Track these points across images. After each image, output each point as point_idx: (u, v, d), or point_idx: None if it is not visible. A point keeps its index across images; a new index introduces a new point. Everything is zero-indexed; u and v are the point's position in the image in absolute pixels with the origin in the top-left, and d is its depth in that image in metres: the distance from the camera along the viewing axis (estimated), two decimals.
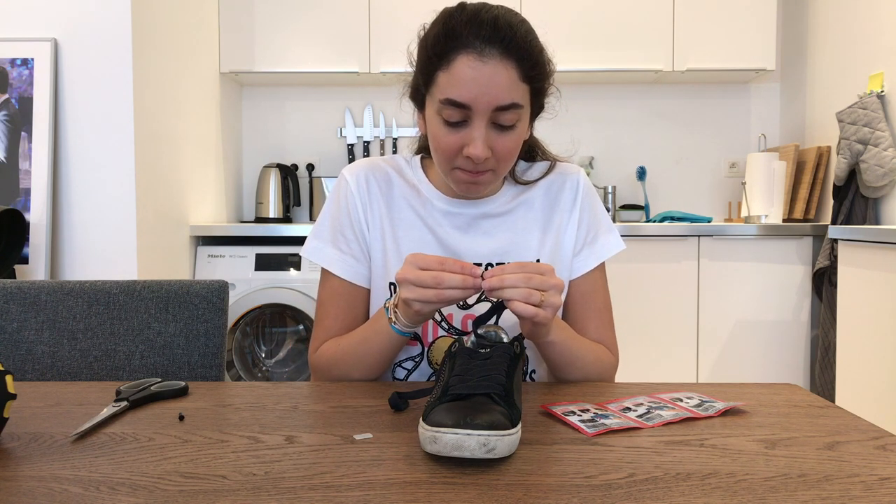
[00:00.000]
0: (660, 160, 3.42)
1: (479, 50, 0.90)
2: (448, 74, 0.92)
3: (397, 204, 1.07)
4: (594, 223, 1.11)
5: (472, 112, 0.92)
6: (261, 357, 2.98)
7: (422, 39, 0.98)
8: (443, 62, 0.92)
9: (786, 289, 2.84)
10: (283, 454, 0.68)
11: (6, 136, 2.22)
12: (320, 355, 1.05)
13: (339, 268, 1.05)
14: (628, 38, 3.05)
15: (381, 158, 1.12)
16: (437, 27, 0.94)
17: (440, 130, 0.95)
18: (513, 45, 0.91)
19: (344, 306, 1.06)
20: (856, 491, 0.59)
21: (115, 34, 2.25)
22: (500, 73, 0.91)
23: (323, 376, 1.04)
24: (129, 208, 2.28)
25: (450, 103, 0.92)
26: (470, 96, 0.91)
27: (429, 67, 0.95)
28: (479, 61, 0.90)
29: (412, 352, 1.05)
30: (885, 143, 2.53)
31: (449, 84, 0.92)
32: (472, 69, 0.90)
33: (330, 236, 1.07)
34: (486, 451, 0.64)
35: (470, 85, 0.90)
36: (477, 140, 0.93)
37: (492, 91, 0.91)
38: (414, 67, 1.01)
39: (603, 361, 1.05)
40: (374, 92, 3.42)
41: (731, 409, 0.84)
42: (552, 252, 1.08)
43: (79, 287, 1.21)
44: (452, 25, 0.92)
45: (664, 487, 0.60)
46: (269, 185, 3.22)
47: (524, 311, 0.82)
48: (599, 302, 1.11)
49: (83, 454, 0.68)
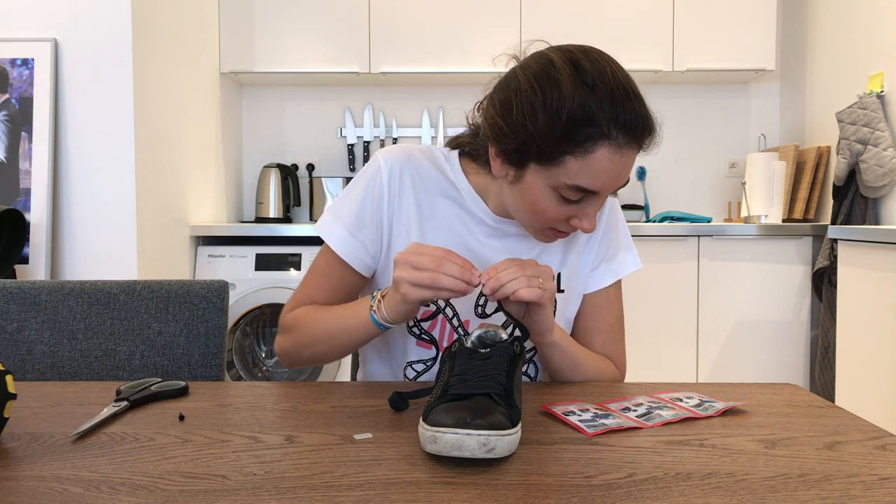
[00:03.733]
0: (660, 160, 3.42)
1: (619, 143, 0.86)
2: (583, 164, 0.86)
3: (430, 200, 1.05)
4: (615, 240, 1.11)
5: (595, 195, 0.90)
6: (261, 357, 2.98)
7: (542, 106, 0.86)
8: (578, 149, 0.86)
9: (786, 289, 2.84)
10: (283, 454, 0.68)
11: (6, 136, 2.22)
12: (294, 316, 1.04)
13: (343, 248, 1.03)
14: (628, 38, 3.06)
15: (418, 149, 1.07)
16: (570, 105, 0.84)
17: (549, 203, 0.91)
18: (646, 132, 0.90)
19: (334, 283, 1.05)
20: (855, 491, 0.60)
21: (115, 34, 2.25)
22: (632, 159, 0.90)
23: (288, 338, 1.04)
24: (129, 208, 2.28)
25: (577, 189, 0.89)
26: (602, 186, 0.89)
27: (554, 146, 0.86)
28: (618, 154, 0.87)
29: (425, 355, 1.05)
30: (884, 143, 2.53)
31: (582, 173, 0.87)
32: (611, 163, 0.87)
33: (347, 217, 1.04)
34: (486, 451, 0.64)
35: (605, 176, 0.88)
36: (593, 217, 0.92)
37: (621, 178, 0.90)
38: (513, 124, 0.89)
39: (605, 372, 1.04)
40: (374, 92, 3.42)
41: (730, 408, 0.84)
42: (573, 266, 1.08)
43: (79, 287, 1.21)
44: (591, 111, 0.84)
45: (664, 487, 0.60)
46: (270, 185, 3.22)
47: (531, 294, 0.84)
48: (611, 318, 1.11)
49: (83, 454, 0.69)
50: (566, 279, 1.07)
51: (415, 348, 1.05)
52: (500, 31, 3.02)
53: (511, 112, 0.88)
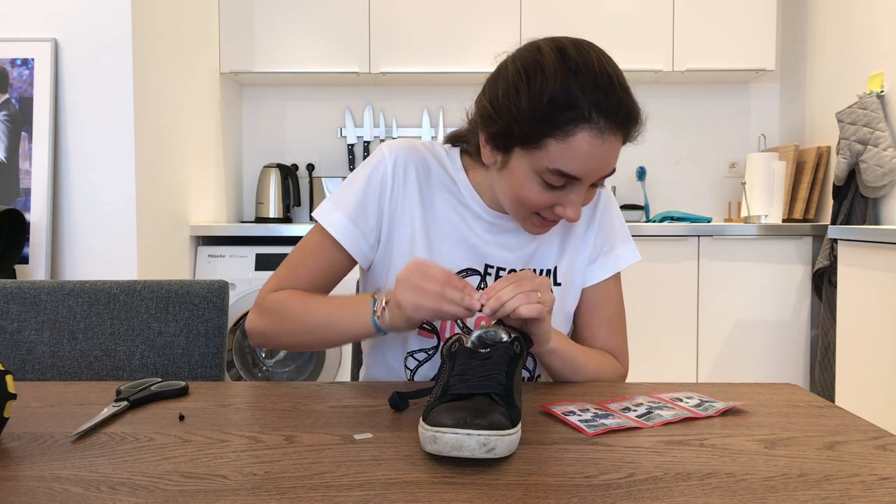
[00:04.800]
0: (660, 160, 3.42)
1: (600, 127, 0.87)
2: (564, 147, 0.87)
3: (432, 193, 1.05)
4: (612, 233, 1.11)
5: (578, 181, 0.91)
6: (261, 357, 2.98)
7: (526, 88, 0.88)
8: (558, 132, 0.87)
9: (786, 289, 2.84)
10: (282, 454, 0.68)
11: (6, 136, 2.22)
12: (277, 298, 1.01)
13: (343, 235, 1.02)
14: (628, 38, 3.06)
15: (422, 143, 1.08)
16: (552, 87, 0.86)
17: (533, 188, 0.92)
18: (629, 119, 0.90)
19: (324, 265, 1.04)
20: (855, 491, 0.59)
21: (115, 34, 2.25)
22: (615, 147, 0.90)
23: (267, 320, 1.01)
24: (129, 208, 2.28)
25: (559, 174, 0.89)
26: (584, 172, 0.89)
27: (536, 128, 0.88)
28: (599, 139, 0.87)
29: (426, 344, 1.05)
30: (884, 143, 2.53)
31: (563, 156, 0.88)
32: (592, 147, 0.87)
33: (348, 205, 1.03)
34: (486, 451, 0.64)
35: (587, 161, 0.88)
36: (576, 205, 0.92)
37: (605, 166, 0.90)
38: (498, 106, 0.91)
39: (605, 370, 1.04)
40: (374, 92, 3.42)
41: (730, 408, 0.84)
42: (570, 260, 1.09)
43: (79, 287, 1.21)
44: (573, 94, 0.86)
45: (664, 487, 0.60)
46: (270, 185, 3.22)
47: (531, 311, 0.85)
48: (611, 311, 1.11)
49: (83, 454, 0.69)
50: (563, 273, 1.08)
51: (416, 338, 1.05)
52: (500, 31, 3.02)
53: (497, 95, 0.91)
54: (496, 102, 0.92)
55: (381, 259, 1.06)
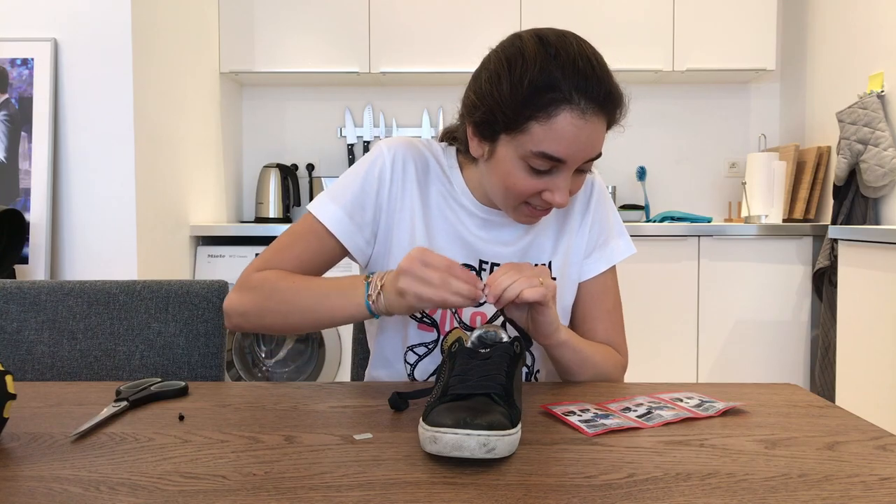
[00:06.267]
0: (660, 160, 3.42)
1: (581, 108, 0.88)
2: (547, 129, 0.88)
3: (428, 190, 1.06)
4: (606, 226, 1.12)
5: (563, 164, 0.91)
6: (261, 357, 2.98)
7: (507, 74, 0.90)
8: (540, 114, 0.88)
9: (786, 289, 2.84)
10: (282, 454, 0.68)
11: (6, 136, 2.22)
12: (264, 277, 0.99)
13: (335, 223, 1.01)
14: (628, 38, 3.05)
15: (419, 141, 1.09)
16: (532, 71, 0.88)
17: (520, 175, 0.92)
18: (610, 101, 0.90)
19: (312, 252, 1.02)
20: (856, 491, 0.59)
21: (115, 34, 2.25)
22: (598, 129, 0.90)
23: (250, 298, 0.99)
24: (129, 208, 2.28)
25: (544, 156, 0.90)
26: (568, 153, 0.90)
27: (518, 112, 0.89)
28: (582, 120, 0.88)
29: (426, 338, 1.05)
30: (885, 143, 2.53)
31: (546, 138, 0.88)
32: (575, 127, 0.88)
33: (344, 199, 1.02)
34: (486, 451, 0.64)
35: (570, 142, 0.89)
36: (563, 189, 0.93)
37: (588, 148, 0.91)
38: (482, 93, 0.93)
39: (611, 361, 1.05)
40: (374, 92, 3.42)
41: (731, 409, 0.84)
42: (565, 254, 1.09)
43: (79, 287, 1.21)
44: (553, 76, 0.87)
45: (664, 487, 0.60)
46: (269, 185, 3.22)
47: (535, 294, 0.85)
48: (609, 304, 1.11)
49: (83, 454, 0.68)
50: (559, 267, 1.08)
51: (416, 332, 1.05)
52: (500, 32, 2.98)
53: (480, 84, 0.93)
54: (479, 91, 0.93)
55: (379, 254, 1.06)
